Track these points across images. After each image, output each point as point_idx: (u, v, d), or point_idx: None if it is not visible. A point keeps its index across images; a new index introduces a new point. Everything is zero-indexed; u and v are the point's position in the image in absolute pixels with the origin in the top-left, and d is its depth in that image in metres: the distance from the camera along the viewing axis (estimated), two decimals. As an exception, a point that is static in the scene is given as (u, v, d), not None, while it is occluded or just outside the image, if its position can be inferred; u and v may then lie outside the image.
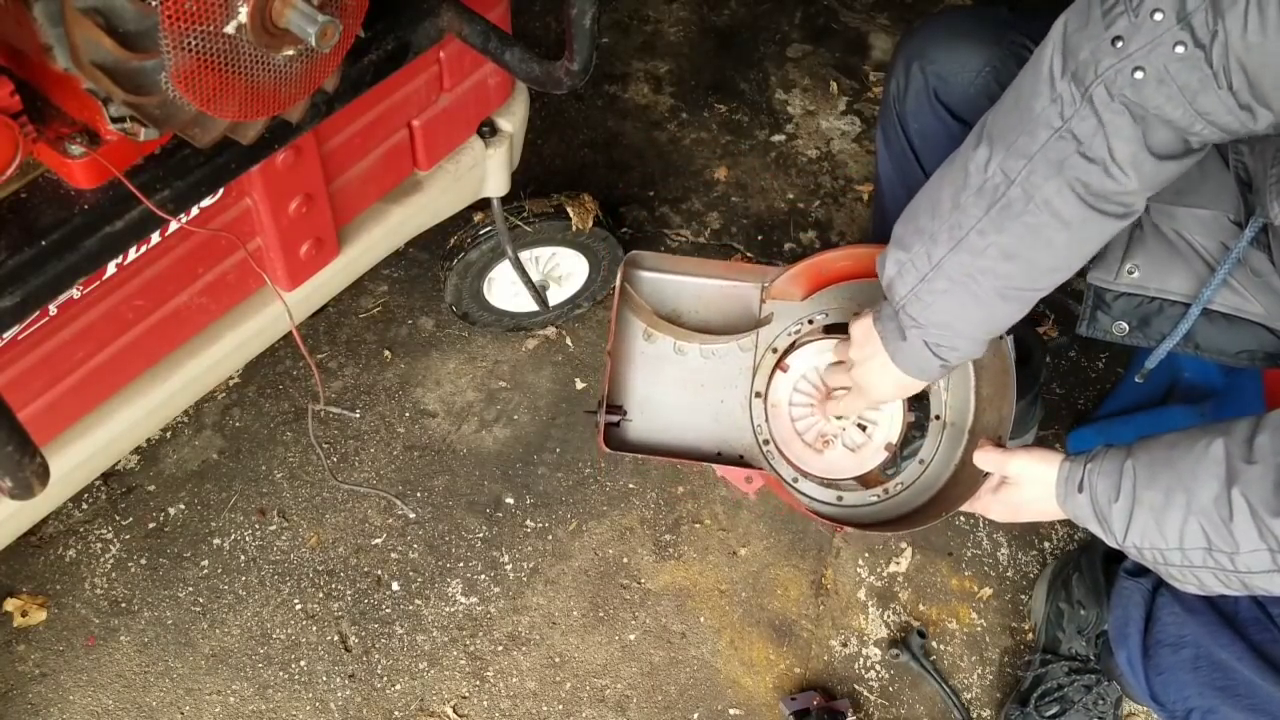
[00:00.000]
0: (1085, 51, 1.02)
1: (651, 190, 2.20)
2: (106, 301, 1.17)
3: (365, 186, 1.41)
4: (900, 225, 1.23)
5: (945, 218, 1.16)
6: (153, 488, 1.77)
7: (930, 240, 1.18)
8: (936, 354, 1.24)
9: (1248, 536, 1.02)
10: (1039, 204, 1.10)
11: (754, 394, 1.46)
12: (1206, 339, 1.32)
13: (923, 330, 1.23)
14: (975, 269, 1.16)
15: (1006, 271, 1.15)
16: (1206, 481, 1.04)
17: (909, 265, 1.20)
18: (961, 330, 1.22)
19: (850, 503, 1.46)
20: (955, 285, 1.18)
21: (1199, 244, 1.28)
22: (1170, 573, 1.12)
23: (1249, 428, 1.04)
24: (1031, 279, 1.17)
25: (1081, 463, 1.16)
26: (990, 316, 1.21)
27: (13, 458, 0.86)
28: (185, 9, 0.81)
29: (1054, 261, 1.16)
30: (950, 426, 1.46)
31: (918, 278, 1.20)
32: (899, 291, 1.22)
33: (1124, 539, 1.12)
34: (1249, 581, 1.06)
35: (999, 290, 1.17)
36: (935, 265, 1.18)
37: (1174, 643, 1.41)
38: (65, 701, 1.59)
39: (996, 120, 1.13)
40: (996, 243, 1.13)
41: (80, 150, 0.94)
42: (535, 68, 1.22)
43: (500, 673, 1.68)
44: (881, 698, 1.72)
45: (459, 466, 1.85)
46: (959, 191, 1.15)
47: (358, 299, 1.99)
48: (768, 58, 2.44)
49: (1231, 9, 0.93)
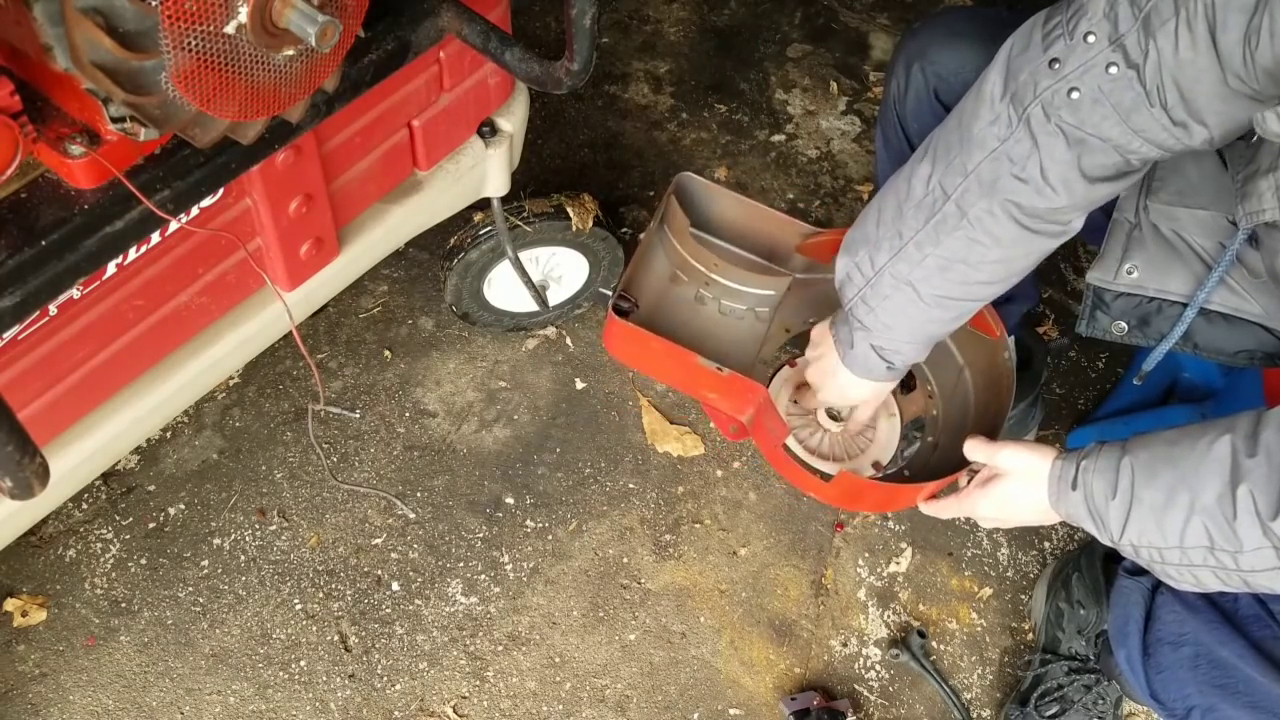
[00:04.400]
0: (1025, 74, 1.08)
1: (651, 190, 2.20)
2: (106, 301, 1.17)
3: (365, 187, 1.41)
4: (851, 231, 1.29)
5: (888, 226, 1.22)
6: (153, 488, 1.77)
7: (874, 248, 1.24)
8: (882, 356, 1.30)
9: (1251, 535, 1.02)
10: (972, 220, 1.15)
11: (759, 360, 1.49)
12: (1205, 339, 1.32)
13: (868, 334, 1.29)
14: (913, 278, 1.21)
15: (942, 282, 1.21)
16: (1210, 480, 1.04)
17: (855, 270, 1.27)
18: (902, 335, 1.28)
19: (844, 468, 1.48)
20: (896, 292, 1.23)
21: (1198, 244, 1.28)
22: (1167, 571, 1.11)
23: (1252, 424, 1.04)
24: (967, 290, 1.22)
25: (1075, 459, 1.16)
26: (929, 323, 1.27)
27: (13, 458, 0.86)
28: (185, 9, 0.81)
29: (988, 275, 1.21)
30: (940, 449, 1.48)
31: (863, 282, 1.26)
32: (847, 295, 1.29)
33: (1120, 537, 1.12)
34: (1251, 580, 1.06)
35: (936, 299, 1.23)
36: (877, 272, 1.24)
37: (1174, 641, 1.41)
38: (65, 701, 1.59)
39: (941, 137, 1.18)
40: (933, 255, 1.19)
41: (80, 150, 0.94)
42: (535, 68, 1.22)
43: (500, 673, 1.68)
44: (881, 698, 1.72)
45: (459, 466, 1.85)
46: (902, 202, 1.21)
47: (358, 299, 1.99)
48: (768, 58, 2.44)
49: (1162, 29, 0.97)
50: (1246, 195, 1.13)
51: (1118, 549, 1.14)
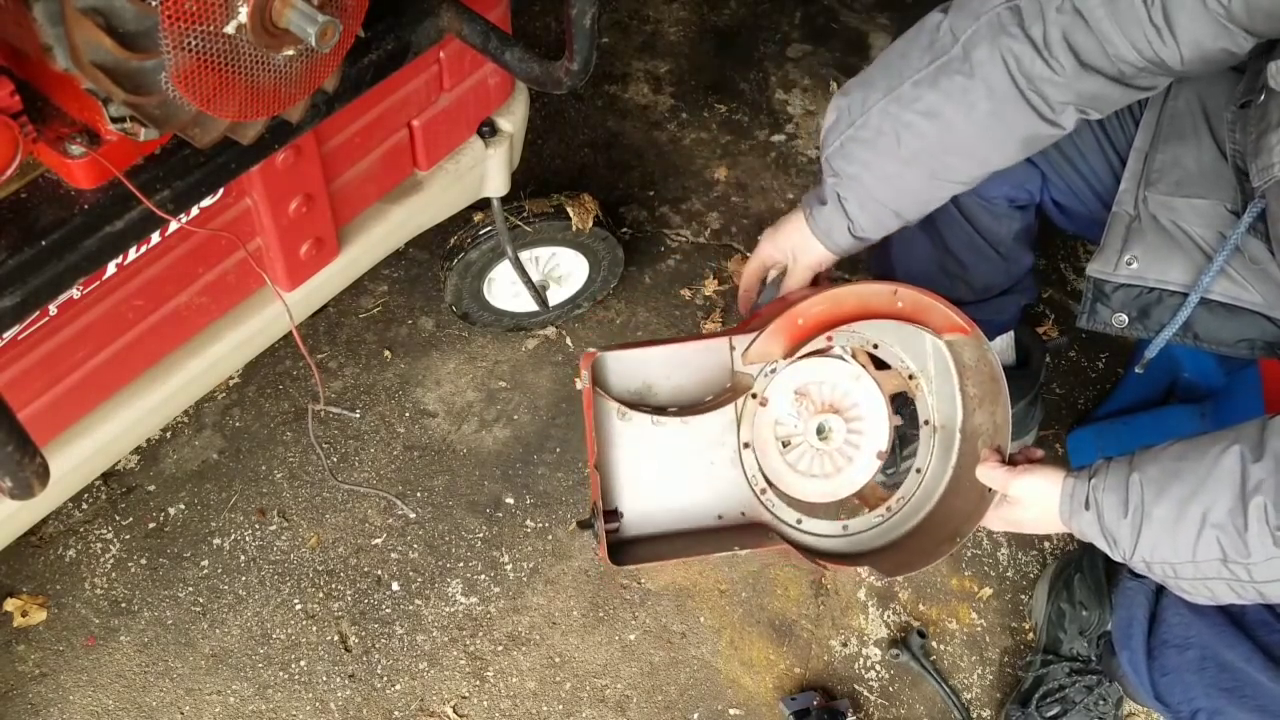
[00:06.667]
0: None
1: (651, 190, 2.20)
2: (106, 302, 1.17)
3: (365, 186, 1.40)
4: (853, 79, 1.30)
5: (889, 68, 1.24)
6: (153, 488, 1.77)
7: (869, 87, 1.25)
8: (845, 208, 1.30)
9: (1264, 546, 1.02)
10: (974, 64, 1.17)
11: (742, 445, 1.38)
12: (1206, 329, 1.32)
13: (839, 181, 1.29)
14: (900, 122, 1.22)
15: (925, 132, 1.22)
16: (1221, 492, 1.04)
17: (845, 111, 1.27)
18: (872, 189, 1.27)
19: (856, 529, 1.43)
20: (879, 137, 1.24)
21: (1197, 234, 1.29)
22: (1181, 586, 1.11)
23: (1258, 432, 1.04)
24: (944, 149, 1.23)
25: (1085, 479, 1.16)
26: (900, 183, 1.27)
27: (13, 458, 0.86)
28: (185, 9, 0.81)
29: (968, 136, 1.21)
30: (940, 430, 1.43)
31: (848, 123, 1.26)
32: (830, 141, 1.29)
33: (1132, 554, 1.11)
34: (1265, 591, 1.05)
35: (913, 155, 1.23)
36: (865, 111, 1.25)
37: (1180, 643, 1.41)
38: (65, 701, 1.59)
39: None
40: (925, 98, 1.21)
41: (80, 150, 0.94)
42: (535, 68, 1.22)
43: (500, 673, 1.68)
44: (881, 698, 1.72)
45: (459, 466, 1.85)
46: (910, 46, 1.23)
47: (358, 299, 1.99)
48: (768, 58, 2.44)
49: None
50: (1260, 152, 1.14)
51: (1130, 566, 1.14)
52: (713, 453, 1.40)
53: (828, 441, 1.40)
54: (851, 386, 1.38)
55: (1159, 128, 1.34)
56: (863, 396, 1.39)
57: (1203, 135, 1.31)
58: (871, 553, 1.44)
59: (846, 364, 1.37)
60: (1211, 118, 1.31)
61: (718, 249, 2.14)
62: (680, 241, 2.13)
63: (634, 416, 1.36)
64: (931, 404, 1.42)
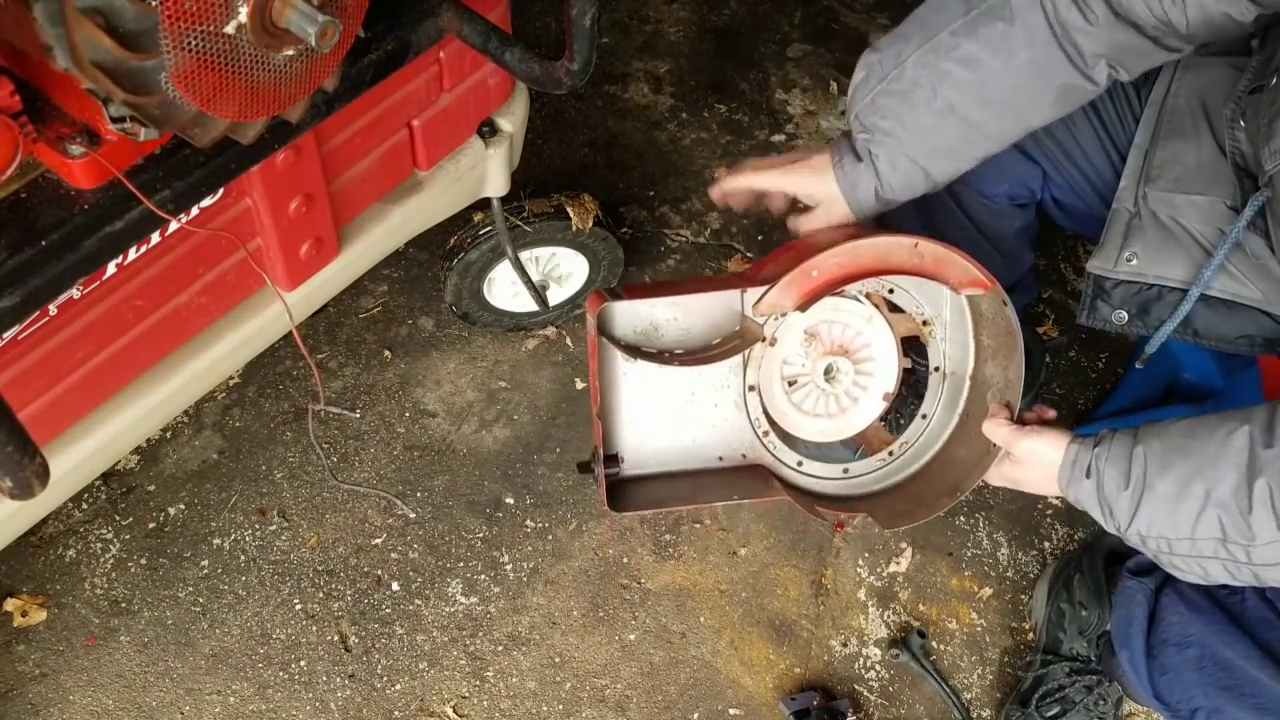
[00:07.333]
0: None
1: (651, 190, 2.20)
2: (106, 302, 1.17)
3: (365, 187, 1.40)
4: (883, 38, 1.27)
5: (923, 21, 1.22)
6: (153, 488, 1.77)
7: (903, 41, 1.23)
8: (876, 165, 1.26)
9: (1266, 528, 1.02)
10: (1013, 10, 1.15)
11: (747, 389, 1.39)
12: (1205, 325, 1.32)
13: (870, 138, 1.25)
14: (937, 71, 1.20)
15: (962, 80, 1.19)
16: (1227, 472, 1.04)
17: (876, 67, 1.24)
18: (904, 143, 1.24)
19: (856, 472, 1.43)
20: (914, 89, 1.21)
21: (1196, 230, 1.29)
22: (1174, 562, 1.11)
23: (1269, 415, 1.04)
24: (982, 100, 1.20)
25: (1089, 447, 1.16)
26: (935, 136, 1.23)
27: (13, 458, 0.85)
28: (185, 9, 0.81)
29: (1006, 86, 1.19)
30: (950, 376, 1.40)
31: (879, 78, 1.24)
32: (860, 99, 1.26)
33: (1127, 526, 1.12)
34: (1262, 574, 1.05)
35: (950, 104, 1.20)
36: (900, 64, 1.22)
37: (1179, 642, 1.41)
38: (65, 701, 1.59)
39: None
40: (963, 46, 1.18)
41: (80, 150, 0.94)
42: (535, 68, 1.22)
43: (500, 673, 1.68)
44: (881, 698, 1.72)
45: (459, 466, 1.85)
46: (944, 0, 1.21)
47: (358, 299, 1.99)
48: (768, 58, 2.44)
49: None
50: (1272, 135, 1.14)
51: (1123, 537, 1.14)
52: (717, 395, 1.40)
53: (834, 384, 1.39)
54: (863, 328, 1.37)
55: (1159, 125, 1.34)
56: (874, 338, 1.38)
57: (1203, 132, 1.31)
58: (871, 497, 1.43)
59: (860, 305, 1.36)
60: (1211, 115, 1.31)
61: (718, 249, 2.14)
62: (680, 241, 2.13)
63: (639, 362, 1.35)
64: (943, 350, 1.40)
